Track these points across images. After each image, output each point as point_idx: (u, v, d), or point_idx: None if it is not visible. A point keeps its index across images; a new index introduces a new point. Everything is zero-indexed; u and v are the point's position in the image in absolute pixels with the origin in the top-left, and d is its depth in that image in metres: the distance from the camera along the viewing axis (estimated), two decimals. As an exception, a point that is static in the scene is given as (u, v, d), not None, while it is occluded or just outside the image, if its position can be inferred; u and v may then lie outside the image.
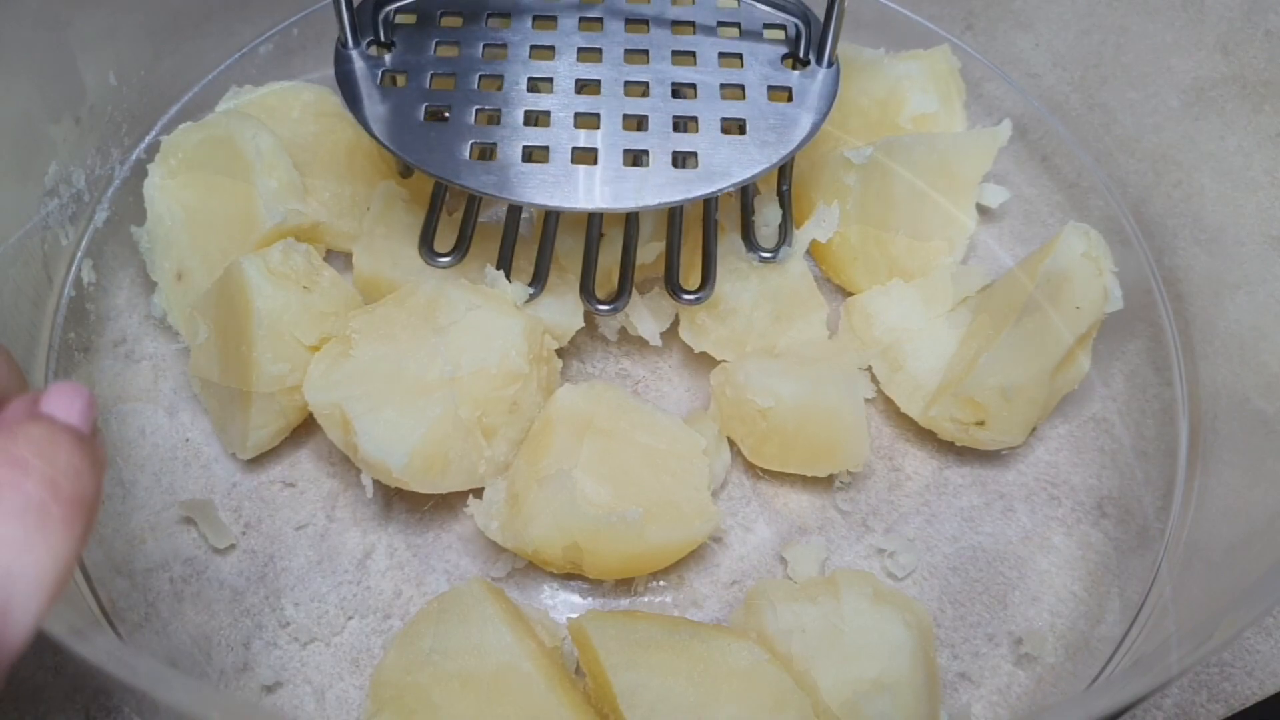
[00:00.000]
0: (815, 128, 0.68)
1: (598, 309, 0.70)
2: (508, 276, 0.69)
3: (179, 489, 0.70)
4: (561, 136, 0.66)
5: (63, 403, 0.37)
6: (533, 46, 0.71)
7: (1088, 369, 0.71)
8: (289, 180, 0.71)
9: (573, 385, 0.68)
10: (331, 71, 0.69)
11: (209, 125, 0.73)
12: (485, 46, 0.71)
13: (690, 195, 0.64)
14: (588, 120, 0.67)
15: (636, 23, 0.73)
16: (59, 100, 0.71)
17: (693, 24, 0.73)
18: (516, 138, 0.66)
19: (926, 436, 0.72)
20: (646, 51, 0.71)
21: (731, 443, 0.71)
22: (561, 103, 0.68)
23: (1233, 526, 0.64)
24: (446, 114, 0.67)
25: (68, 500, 0.35)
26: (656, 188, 0.64)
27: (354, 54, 0.69)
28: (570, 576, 0.67)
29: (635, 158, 0.65)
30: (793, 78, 0.70)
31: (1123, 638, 0.65)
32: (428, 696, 0.58)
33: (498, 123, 0.67)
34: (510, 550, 0.65)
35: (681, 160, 0.66)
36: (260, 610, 0.66)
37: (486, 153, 0.65)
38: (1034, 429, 0.71)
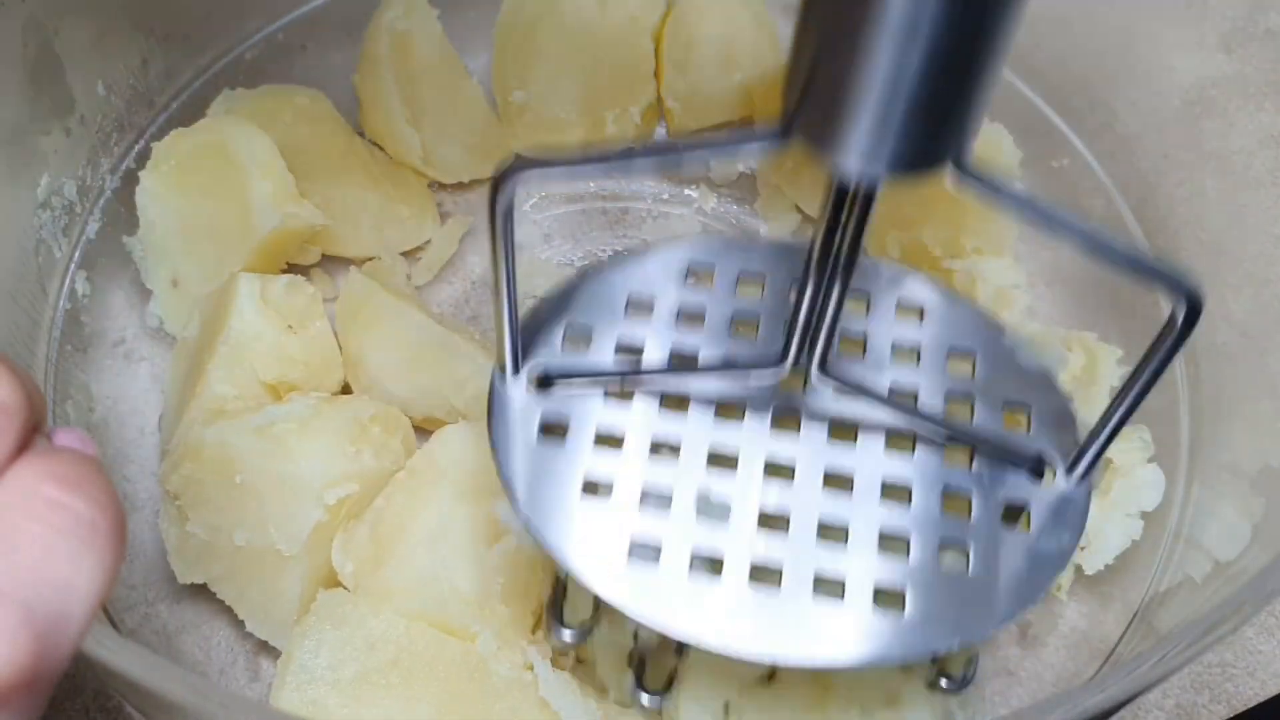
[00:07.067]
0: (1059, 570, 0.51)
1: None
2: (640, 682, 0.57)
3: (179, 491, 0.70)
4: (739, 546, 0.50)
5: (75, 442, 0.38)
6: (718, 407, 0.54)
7: None
8: (285, 183, 0.70)
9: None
10: (324, 72, 0.65)
11: (201, 130, 0.72)
12: (663, 399, 0.54)
13: (890, 657, 0.48)
14: (773, 522, 0.51)
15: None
16: (49, 112, 0.70)
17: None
18: (683, 539, 0.50)
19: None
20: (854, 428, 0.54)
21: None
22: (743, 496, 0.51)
23: (1232, 525, 0.64)
24: (606, 493, 0.51)
25: (113, 518, 0.35)
26: (854, 641, 0.48)
27: (510, 386, 0.53)
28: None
29: (825, 588, 0.49)
30: (1030, 491, 0.53)
31: (1122, 636, 0.65)
32: (334, 713, 0.56)
33: (665, 511, 0.51)
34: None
35: (884, 601, 0.49)
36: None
37: (644, 554, 0.50)
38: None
